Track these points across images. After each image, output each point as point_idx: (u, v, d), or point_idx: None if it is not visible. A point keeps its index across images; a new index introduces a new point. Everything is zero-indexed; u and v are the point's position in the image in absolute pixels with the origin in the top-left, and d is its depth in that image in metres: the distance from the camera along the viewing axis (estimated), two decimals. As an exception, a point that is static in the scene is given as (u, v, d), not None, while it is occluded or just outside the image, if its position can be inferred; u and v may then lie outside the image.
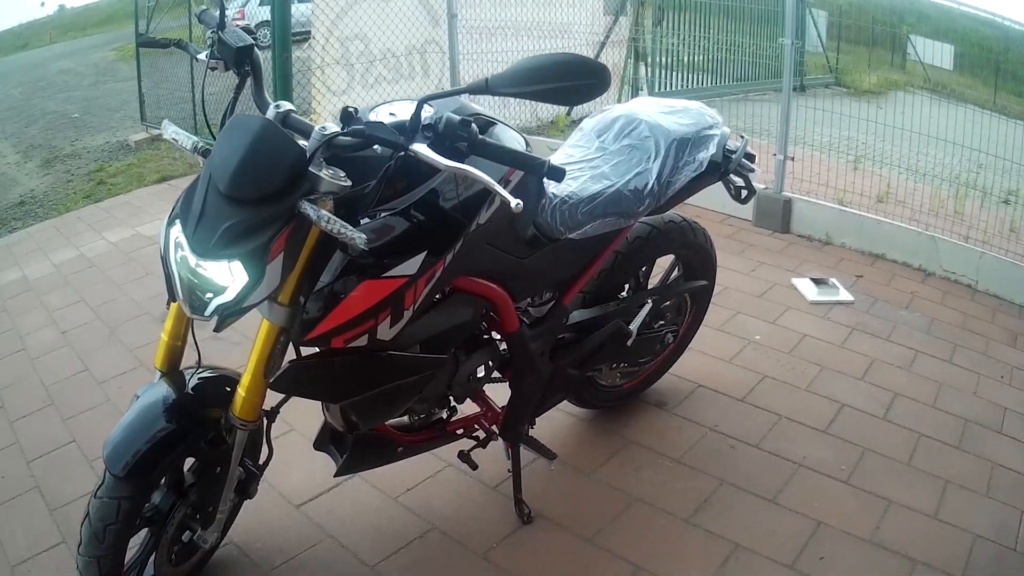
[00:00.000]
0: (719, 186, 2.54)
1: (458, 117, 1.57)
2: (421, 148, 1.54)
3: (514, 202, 1.52)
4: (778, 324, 3.68)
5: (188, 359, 1.99)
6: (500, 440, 2.43)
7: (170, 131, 1.86)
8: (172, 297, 1.70)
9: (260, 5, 13.82)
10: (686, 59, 8.30)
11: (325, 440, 2.16)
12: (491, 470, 2.58)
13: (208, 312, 1.59)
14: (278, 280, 1.59)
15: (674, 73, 8.00)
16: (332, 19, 5.03)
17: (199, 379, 1.92)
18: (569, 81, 1.44)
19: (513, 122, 4.42)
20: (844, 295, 3.98)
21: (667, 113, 2.44)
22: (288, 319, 1.71)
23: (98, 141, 7.67)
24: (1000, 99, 6.00)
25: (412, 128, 1.56)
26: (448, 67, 5.81)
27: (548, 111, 6.64)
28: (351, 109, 1.64)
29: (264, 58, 2.02)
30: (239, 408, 1.80)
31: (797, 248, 4.64)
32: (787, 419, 2.94)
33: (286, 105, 1.72)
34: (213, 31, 1.85)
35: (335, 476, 2.20)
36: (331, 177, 1.56)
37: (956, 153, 4.70)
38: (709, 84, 8.55)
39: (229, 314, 1.59)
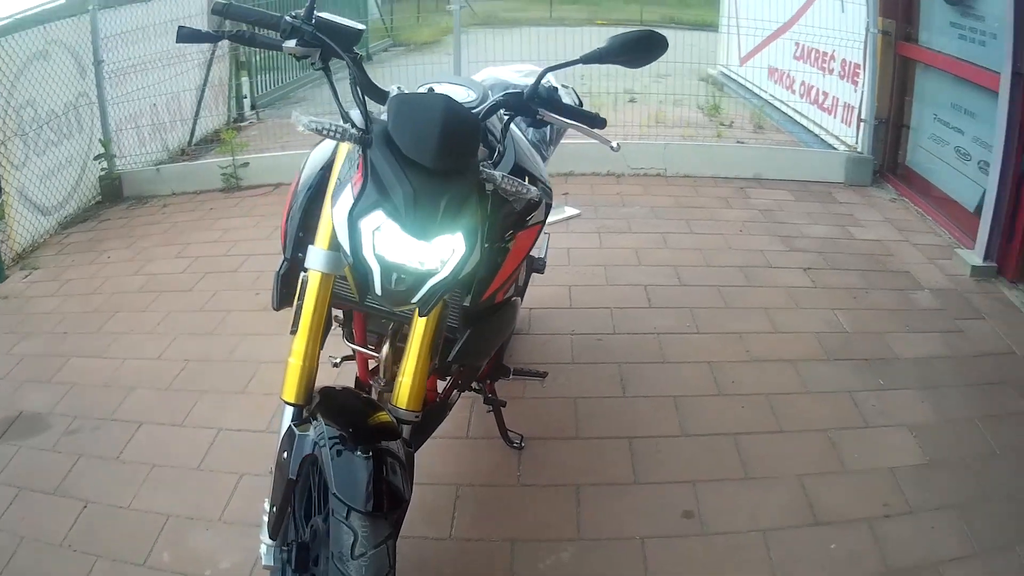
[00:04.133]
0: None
1: (548, 85, 1.82)
2: (546, 111, 1.76)
3: (616, 143, 1.85)
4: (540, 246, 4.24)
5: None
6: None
7: (305, 120, 1.62)
8: (362, 296, 1.65)
9: None
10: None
11: None
12: (442, 427, 2.69)
13: (420, 296, 1.57)
14: (480, 245, 1.64)
15: (274, 73, 8.28)
16: (8, 89, 4.51)
17: (333, 396, 1.77)
18: (647, 51, 1.76)
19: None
20: (570, 210, 4.68)
21: (523, 75, 2.82)
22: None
23: None
24: (558, 12, 7.05)
25: (531, 95, 1.76)
26: (99, 116, 5.57)
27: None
28: (431, 86, 1.81)
29: None
30: (407, 399, 1.73)
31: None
32: (616, 308, 3.53)
33: (403, 87, 1.74)
34: (293, 17, 1.74)
35: None
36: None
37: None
38: (302, 76, 8.87)
39: (443, 293, 1.60)
